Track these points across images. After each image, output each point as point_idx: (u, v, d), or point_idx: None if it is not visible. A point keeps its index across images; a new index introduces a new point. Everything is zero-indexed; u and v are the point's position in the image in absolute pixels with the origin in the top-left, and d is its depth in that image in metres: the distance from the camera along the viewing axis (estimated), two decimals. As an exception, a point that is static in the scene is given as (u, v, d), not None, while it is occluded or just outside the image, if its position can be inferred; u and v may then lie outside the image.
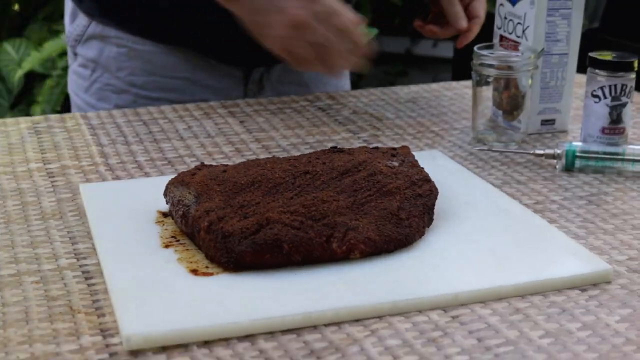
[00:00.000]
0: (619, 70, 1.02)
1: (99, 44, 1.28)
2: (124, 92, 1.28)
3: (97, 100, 1.29)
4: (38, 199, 0.92)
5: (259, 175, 0.84)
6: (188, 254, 0.78)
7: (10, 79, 2.78)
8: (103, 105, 1.28)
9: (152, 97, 1.27)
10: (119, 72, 1.28)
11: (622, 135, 1.04)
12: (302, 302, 0.70)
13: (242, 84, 1.31)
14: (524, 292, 0.73)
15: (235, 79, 1.30)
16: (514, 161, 1.04)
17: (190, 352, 0.65)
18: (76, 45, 1.31)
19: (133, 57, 1.27)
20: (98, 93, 1.29)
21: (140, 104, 1.26)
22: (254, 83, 1.31)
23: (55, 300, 0.72)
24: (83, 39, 1.29)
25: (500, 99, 1.15)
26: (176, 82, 1.28)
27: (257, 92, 1.31)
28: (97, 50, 1.28)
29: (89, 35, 1.29)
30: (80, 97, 1.32)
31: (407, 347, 0.66)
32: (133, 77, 1.28)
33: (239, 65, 1.29)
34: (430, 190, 0.85)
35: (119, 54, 1.27)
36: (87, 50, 1.30)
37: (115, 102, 1.28)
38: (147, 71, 1.27)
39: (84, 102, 1.31)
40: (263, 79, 1.31)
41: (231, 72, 1.29)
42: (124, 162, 1.02)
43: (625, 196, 0.94)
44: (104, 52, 1.28)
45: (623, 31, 2.54)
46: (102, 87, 1.29)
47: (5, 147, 1.07)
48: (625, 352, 0.66)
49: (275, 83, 1.32)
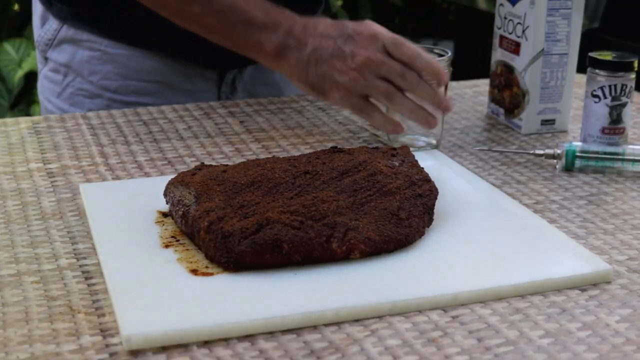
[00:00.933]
0: (619, 70, 1.02)
1: (70, 48, 1.26)
2: (97, 97, 1.26)
3: (69, 106, 1.27)
4: (38, 199, 0.92)
5: (259, 175, 0.84)
6: (188, 254, 0.78)
7: (10, 79, 2.79)
8: (76, 110, 1.26)
9: (126, 101, 1.25)
10: (92, 77, 1.26)
11: (622, 135, 1.04)
12: (302, 302, 0.70)
13: (215, 86, 1.30)
14: (524, 292, 0.73)
15: (209, 82, 1.29)
16: (514, 161, 1.04)
17: (190, 352, 0.65)
18: (47, 49, 1.28)
19: (106, 61, 1.25)
20: (70, 98, 1.27)
21: (113, 108, 1.24)
22: (227, 85, 1.30)
23: (55, 300, 0.72)
24: (54, 43, 1.27)
25: (501, 97, 1.15)
26: (150, 85, 1.26)
27: (230, 93, 1.31)
28: (68, 54, 1.26)
29: (60, 40, 1.26)
30: (52, 102, 1.29)
31: (407, 347, 0.66)
32: (106, 81, 1.25)
33: (213, 67, 1.28)
34: (430, 190, 0.85)
35: (92, 58, 1.25)
36: (58, 55, 1.27)
37: (89, 107, 1.26)
38: (120, 75, 1.25)
39: (56, 107, 1.29)
40: (236, 81, 1.31)
41: (205, 75, 1.28)
42: (124, 162, 1.02)
43: (625, 196, 0.94)
44: (76, 57, 1.26)
45: (623, 31, 2.54)
46: (74, 92, 1.27)
47: (5, 147, 1.07)
48: (625, 352, 0.66)
49: (247, 84, 1.32)
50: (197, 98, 1.27)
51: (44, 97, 1.31)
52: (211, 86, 1.29)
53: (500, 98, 1.15)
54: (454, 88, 1.33)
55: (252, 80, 1.32)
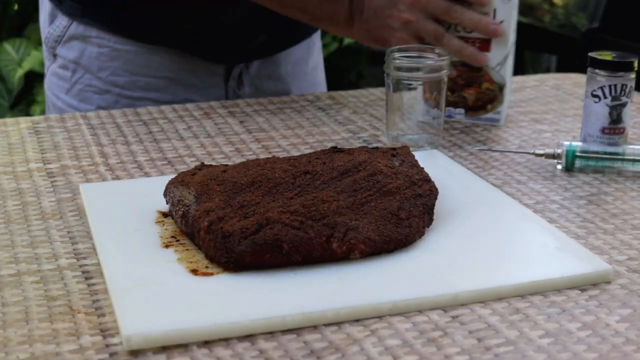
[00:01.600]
0: (619, 70, 1.02)
1: (80, 45, 1.27)
2: (106, 93, 1.27)
3: (78, 102, 1.28)
4: (38, 199, 0.92)
5: (259, 175, 0.84)
6: (188, 254, 0.78)
7: (10, 79, 2.79)
8: (85, 106, 1.27)
9: (134, 97, 1.27)
10: (101, 73, 1.27)
11: (622, 135, 1.04)
12: (302, 302, 0.70)
13: (223, 81, 1.31)
14: (524, 292, 0.73)
15: (217, 77, 1.30)
16: (514, 161, 1.04)
17: (190, 352, 0.65)
18: (56, 46, 1.29)
19: (115, 57, 1.26)
20: (79, 94, 1.28)
21: (122, 104, 1.26)
22: (234, 79, 1.32)
23: (55, 300, 0.72)
24: (63, 40, 1.28)
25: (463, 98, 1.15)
26: (158, 81, 1.27)
27: (237, 87, 1.32)
28: (78, 51, 1.27)
29: (70, 36, 1.28)
30: (60, 98, 1.30)
31: (407, 347, 0.66)
32: (115, 77, 1.27)
33: (221, 62, 1.30)
34: (430, 190, 0.85)
35: (101, 54, 1.26)
36: (67, 51, 1.28)
37: (98, 103, 1.27)
38: (129, 71, 1.27)
39: (65, 103, 1.30)
40: (242, 75, 1.32)
41: (213, 70, 1.30)
42: (124, 162, 1.02)
43: (625, 196, 0.94)
44: (85, 53, 1.27)
45: (623, 31, 2.53)
46: (83, 88, 1.28)
47: (5, 147, 1.07)
48: (625, 352, 0.66)
49: (253, 78, 1.33)
50: (204, 93, 1.28)
51: (52, 94, 1.32)
52: (219, 81, 1.30)
53: (459, 98, 1.16)
54: (454, 88, 1.33)
55: (259, 74, 1.33)
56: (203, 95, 1.28)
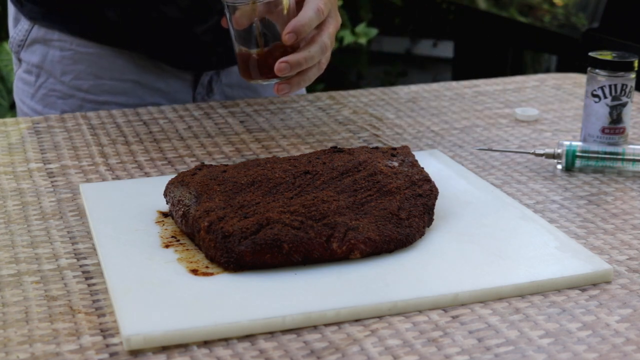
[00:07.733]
0: (619, 70, 1.02)
1: (42, 49, 1.24)
2: (70, 97, 1.24)
3: (43, 107, 1.25)
4: (38, 199, 0.92)
5: (259, 175, 0.84)
6: (188, 254, 0.78)
7: (10, 79, 2.79)
8: (49, 111, 1.24)
9: (99, 101, 1.23)
10: (64, 77, 1.23)
11: (622, 135, 1.04)
12: (302, 302, 0.70)
13: (190, 87, 1.28)
14: (524, 292, 0.73)
15: (184, 82, 1.27)
16: (514, 161, 1.04)
17: (190, 352, 0.65)
18: (20, 50, 1.26)
19: (78, 61, 1.22)
20: (44, 99, 1.25)
21: (87, 108, 1.22)
22: (203, 86, 1.28)
23: (55, 300, 0.72)
24: (26, 44, 1.25)
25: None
26: (124, 85, 1.24)
27: (206, 95, 1.29)
28: (40, 55, 1.24)
29: (32, 40, 1.24)
30: (26, 104, 1.27)
31: (407, 347, 0.66)
32: (79, 81, 1.23)
33: (185, 69, 1.26)
34: (430, 190, 0.85)
35: (63, 58, 1.23)
36: (30, 56, 1.25)
37: (62, 108, 1.24)
38: (93, 75, 1.23)
39: (30, 109, 1.26)
40: (212, 83, 1.29)
41: (180, 75, 1.26)
42: (124, 162, 1.02)
43: (625, 196, 0.94)
44: (48, 57, 1.23)
45: (623, 31, 2.54)
46: (47, 92, 1.24)
47: (5, 147, 1.07)
48: (625, 352, 0.66)
49: (224, 87, 1.30)
50: (171, 98, 1.26)
51: (19, 99, 1.29)
52: (185, 87, 1.27)
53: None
54: (454, 88, 1.34)
55: (230, 82, 1.30)
56: (170, 99, 1.25)
